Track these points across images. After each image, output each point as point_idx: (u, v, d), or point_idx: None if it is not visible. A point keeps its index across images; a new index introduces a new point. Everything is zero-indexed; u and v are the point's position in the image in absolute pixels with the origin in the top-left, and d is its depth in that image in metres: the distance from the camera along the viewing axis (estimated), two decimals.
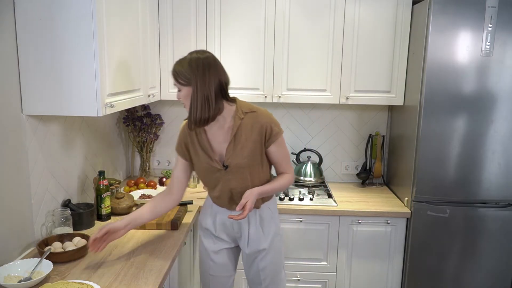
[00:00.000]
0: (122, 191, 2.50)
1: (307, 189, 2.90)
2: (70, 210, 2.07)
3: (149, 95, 2.51)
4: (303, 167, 3.01)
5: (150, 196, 2.62)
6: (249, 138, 1.79)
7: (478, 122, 2.43)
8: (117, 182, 2.55)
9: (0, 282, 1.52)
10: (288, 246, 2.62)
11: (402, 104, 2.77)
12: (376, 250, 2.64)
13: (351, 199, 2.76)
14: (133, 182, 2.83)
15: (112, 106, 1.87)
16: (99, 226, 2.18)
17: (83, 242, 1.86)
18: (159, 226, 2.15)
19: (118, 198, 2.38)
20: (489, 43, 2.34)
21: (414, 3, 2.64)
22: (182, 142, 1.90)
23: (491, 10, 2.31)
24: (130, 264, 1.77)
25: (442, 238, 2.55)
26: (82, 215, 2.13)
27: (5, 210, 1.71)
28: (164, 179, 2.93)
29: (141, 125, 3.00)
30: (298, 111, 3.10)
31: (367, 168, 3.04)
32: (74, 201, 2.25)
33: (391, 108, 3.07)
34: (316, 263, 2.67)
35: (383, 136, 3.06)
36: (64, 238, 1.89)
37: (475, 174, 2.48)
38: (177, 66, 1.72)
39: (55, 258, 1.72)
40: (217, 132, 1.82)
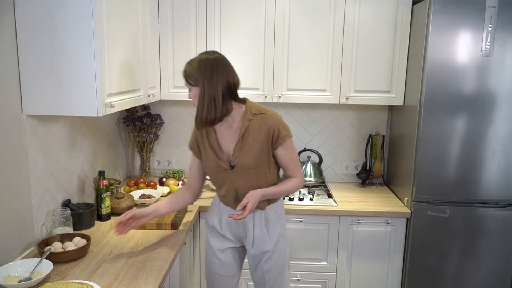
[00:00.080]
0: (122, 191, 2.50)
1: (307, 189, 2.90)
2: (70, 210, 2.07)
3: (149, 95, 2.51)
4: (303, 167, 3.00)
5: (150, 196, 2.61)
6: (256, 139, 1.81)
7: (478, 122, 2.43)
8: (117, 182, 2.55)
9: (0, 282, 1.53)
10: None
11: (402, 104, 2.77)
12: (376, 250, 2.64)
13: (351, 199, 2.76)
14: (133, 182, 2.82)
15: (112, 106, 1.87)
16: (101, 226, 2.18)
17: (83, 242, 1.86)
18: (159, 226, 2.15)
19: (118, 198, 2.38)
20: (489, 43, 2.34)
21: (414, 3, 2.64)
22: (194, 140, 1.94)
23: (491, 10, 2.31)
24: (130, 264, 1.77)
25: (442, 238, 2.55)
26: (82, 215, 2.13)
27: (5, 210, 1.71)
28: (164, 179, 2.92)
29: (141, 125, 3.00)
30: (298, 111, 3.10)
31: (367, 168, 3.04)
32: (74, 201, 2.25)
33: (391, 108, 3.07)
34: (316, 263, 2.67)
35: (383, 136, 3.06)
36: (64, 238, 1.89)
37: (475, 174, 2.48)
38: (187, 66, 1.75)
39: (55, 258, 1.72)
40: (225, 132, 1.85)
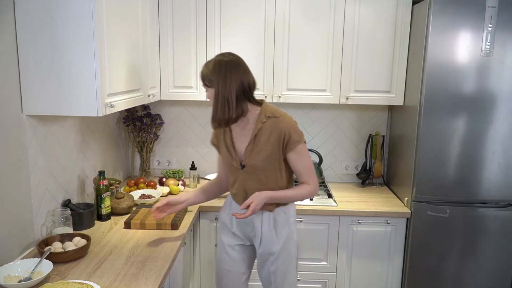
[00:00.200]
0: (122, 191, 2.49)
1: None
2: (70, 210, 2.07)
3: (149, 95, 2.51)
4: None
5: (150, 196, 2.61)
6: (267, 142, 1.83)
7: (478, 122, 2.43)
8: (117, 182, 2.55)
9: (0, 282, 1.53)
10: None
11: (402, 104, 2.77)
12: (376, 250, 2.64)
13: (351, 199, 2.76)
14: (133, 182, 2.82)
15: (112, 106, 1.87)
16: (100, 225, 2.18)
17: (83, 242, 1.86)
18: (159, 226, 2.15)
19: (118, 198, 2.38)
20: (489, 43, 2.34)
21: (414, 3, 2.64)
22: (215, 136, 2.01)
23: (491, 10, 2.31)
24: (130, 264, 1.77)
25: (442, 238, 2.55)
26: (82, 215, 2.13)
27: (5, 210, 1.71)
28: (164, 179, 2.92)
29: (141, 125, 3.00)
30: (298, 111, 3.10)
31: (367, 168, 3.04)
32: (74, 201, 2.25)
33: (391, 108, 3.07)
34: (316, 263, 2.67)
35: (383, 136, 3.06)
36: (64, 238, 1.89)
37: (475, 174, 2.48)
38: (203, 68, 1.80)
39: (55, 258, 1.72)
40: (240, 132, 1.89)
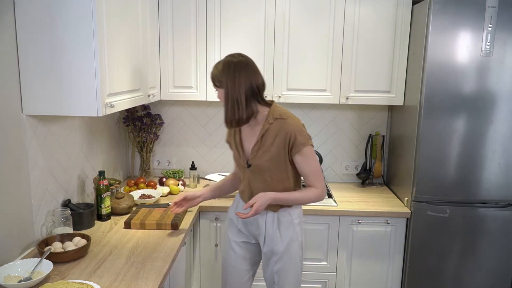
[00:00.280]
0: (122, 191, 2.49)
1: None
2: (70, 210, 2.07)
3: (149, 95, 2.51)
4: None
5: (150, 196, 2.61)
6: (273, 143, 1.84)
7: (478, 122, 2.43)
8: (117, 182, 2.55)
9: (0, 282, 1.53)
10: None
11: (402, 104, 2.77)
12: (376, 250, 2.64)
13: (351, 199, 2.76)
14: (133, 182, 2.82)
15: (112, 106, 1.87)
16: (99, 226, 2.18)
17: (83, 242, 1.86)
18: (159, 226, 2.15)
19: (118, 198, 2.38)
20: (489, 43, 2.34)
21: (414, 3, 2.64)
22: (229, 135, 2.05)
23: (491, 10, 2.31)
24: (130, 264, 1.77)
25: (442, 238, 2.55)
26: (82, 215, 2.13)
27: (5, 210, 1.71)
28: (164, 179, 2.91)
29: (141, 125, 3.00)
30: (298, 111, 3.10)
31: (367, 168, 3.04)
32: (74, 201, 2.25)
33: (391, 108, 3.07)
34: (316, 263, 2.67)
35: (383, 136, 3.06)
36: (64, 238, 1.89)
37: (475, 174, 2.48)
38: (213, 69, 1.82)
39: (55, 258, 1.72)
40: (249, 132, 1.92)
